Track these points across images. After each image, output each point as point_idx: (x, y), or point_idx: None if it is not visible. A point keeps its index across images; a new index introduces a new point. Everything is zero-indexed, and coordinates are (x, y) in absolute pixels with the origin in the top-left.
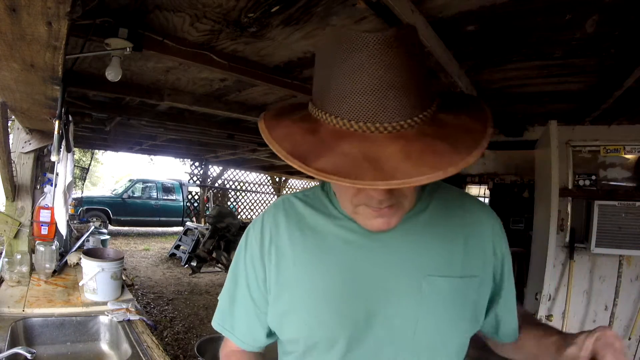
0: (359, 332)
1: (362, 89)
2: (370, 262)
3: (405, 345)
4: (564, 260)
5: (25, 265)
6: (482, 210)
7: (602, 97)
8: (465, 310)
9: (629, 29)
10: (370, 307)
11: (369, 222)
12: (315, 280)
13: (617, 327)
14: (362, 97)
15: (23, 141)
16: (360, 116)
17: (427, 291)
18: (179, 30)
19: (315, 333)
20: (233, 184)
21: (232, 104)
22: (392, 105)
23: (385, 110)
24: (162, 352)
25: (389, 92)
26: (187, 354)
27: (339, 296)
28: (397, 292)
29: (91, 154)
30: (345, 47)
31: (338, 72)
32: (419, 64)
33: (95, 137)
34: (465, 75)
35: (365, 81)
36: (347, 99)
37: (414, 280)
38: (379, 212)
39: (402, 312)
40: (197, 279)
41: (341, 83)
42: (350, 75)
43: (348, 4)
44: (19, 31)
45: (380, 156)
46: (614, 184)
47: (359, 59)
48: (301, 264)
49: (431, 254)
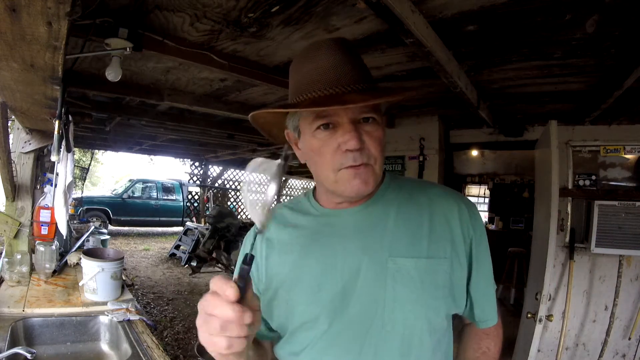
0: (336, 310)
1: (327, 69)
2: (342, 248)
3: (377, 320)
4: (564, 260)
5: (25, 265)
6: (447, 194)
7: (602, 97)
8: (435, 289)
9: (629, 29)
10: (344, 288)
11: (349, 184)
12: (297, 271)
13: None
14: (328, 73)
15: (23, 141)
16: (327, 85)
17: (392, 270)
18: (179, 30)
19: (298, 316)
20: (233, 184)
21: (232, 104)
22: (350, 73)
23: (346, 76)
24: (162, 352)
25: (347, 66)
26: (187, 354)
27: (317, 281)
28: (365, 272)
29: (91, 154)
30: (312, 48)
31: (309, 64)
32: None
33: (95, 137)
34: (465, 75)
35: (329, 63)
36: (317, 78)
37: (380, 260)
38: (355, 171)
39: (371, 291)
40: (197, 279)
41: (312, 71)
42: (318, 63)
43: (348, 4)
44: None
45: (345, 98)
46: (614, 184)
47: (322, 52)
48: (284, 256)
49: (396, 237)
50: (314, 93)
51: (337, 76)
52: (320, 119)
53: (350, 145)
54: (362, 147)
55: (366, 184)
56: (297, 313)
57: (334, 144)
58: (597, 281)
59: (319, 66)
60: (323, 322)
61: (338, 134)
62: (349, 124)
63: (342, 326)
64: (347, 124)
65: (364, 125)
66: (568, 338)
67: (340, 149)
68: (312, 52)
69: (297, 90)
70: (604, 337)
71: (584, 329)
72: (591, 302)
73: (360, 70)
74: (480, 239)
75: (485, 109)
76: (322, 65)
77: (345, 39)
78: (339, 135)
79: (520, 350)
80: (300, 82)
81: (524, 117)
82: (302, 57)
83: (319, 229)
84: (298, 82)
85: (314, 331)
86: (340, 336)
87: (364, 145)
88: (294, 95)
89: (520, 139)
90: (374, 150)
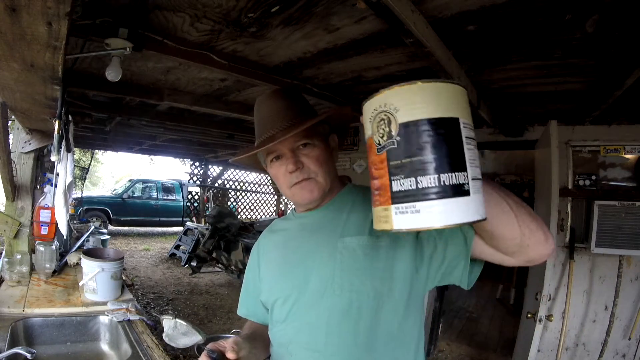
0: (301, 288)
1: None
2: (308, 239)
3: (329, 287)
4: (564, 260)
5: (25, 265)
6: None
7: (602, 97)
8: (377, 260)
9: (629, 29)
10: (307, 268)
11: (299, 196)
12: (276, 262)
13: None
14: (267, 120)
15: (23, 141)
16: (270, 128)
17: (340, 247)
18: (179, 30)
19: (274, 293)
20: (233, 184)
21: (232, 104)
22: (282, 115)
23: (279, 119)
24: (162, 352)
25: (282, 111)
26: (187, 354)
27: (288, 267)
28: (321, 253)
29: (91, 154)
30: (261, 99)
31: (259, 114)
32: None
33: (95, 137)
34: (465, 75)
35: (270, 111)
36: (264, 122)
37: (332, 242)
38: (299, 185)
39: (325, 265)
40: (197, 279)
41: (260, 118)
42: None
43: (348, 4)
44: (19, 31)
45: (277, 136)
46: (614, 184)
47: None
48: (271, 254)
49: (347, 224)
50: (263, 135)
51: (272, 121)
52: (270, 154)
53: (290, 169)
54: (301, 167)
55: (311, 192)
56: (273, 294)
57: (283, 169)
58: (597, 281)
59: (263, 114)
60: (292, 298)
61: (283, 161)
62: (288, 152)
63: (306, 297)
64: (287, 152)
65: (302, 149)
66: (568, 338)
67: (287, 171)
68: (261, 103)
69: (257, 133)
70: (604, 337)
71: (584, 329)
72: (591, 302)
73: (293, 111)
74: None
75: (485, 109)
76: (265, 114)
77: (286, 89)
78: (283, 162)
79: (520, 350)
80: (257, 126)
81: (524, 117)
82: (258, 105)
83: (292, 229)
84: (256, 125)
85: (285, 305)
86: (305, 304)
87: (302, 165)
88: (257, 137)
89: (520, 139)
90: (313, 167)
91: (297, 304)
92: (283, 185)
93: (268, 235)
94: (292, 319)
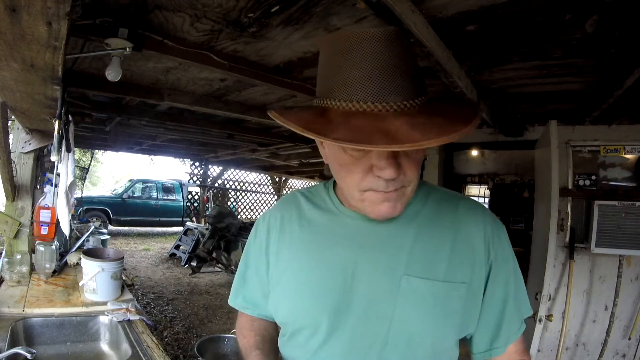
0: (339, 322)
1: (370, 74)
2: (355, 257)
3: (380, 339)
4: (564, 260)
5: (25, 265)
6: (476, 212)
7: (602, 97)
8: (445, 316)
9: (629, 29)
10: (351, 299)
11: (376, 207)
12: (305, 271)
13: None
14: (370, 81)
15: (23, 141)
16: (368, 97)
17: (405, 290)
18: (179, 30)
19: (299, 319)
20: (233, 184)
21: (232, 104)
22: (399, 85)
23: (392, 90)
24: (162, 352)
25: (396, 74)
26: (187, 354)
27: (323, 286)
28: (376, 287)
29: (91, 154)
30: (352, 40)
31: (346, 62)
32: (415, 58)
33: (95, 137)
34: (465, 75)
35: (373, 66)
36: (356, 83)
37: (393, 278)
38: (385, 196)
39: (379, 308)
40: (197, 279)
41: (350, 70)
42: (359, 63)
43: (348, 4)
44: (19, 31)
45: (389, 128)
46: (614, 184)
47: (367, 49)
48: (296, 254)
49: (414, 254)
50: (347, 103)
51: (379, 85)
52: None
53: (386, 175)
54: (398, 174)
55: (394, 208)
56: (297, 318)
57: (366, 164)
58: (597, 281)
59: (357, 65)
60: (323, 331)
61: (372, 155)
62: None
63: (344, 338)
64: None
65: None
66: (568, 338)
67: (372, 171)
68: (351, 45)
69: (327, 90)
70: (604, 337)
71: (584, 329)
72: (591, 302)
73: (410, 77)
74: (501, 265)
75: (485, 109)
76: (362, 66)
77: (397, 30)
78: (373, 156)
79: None
80: (330, 79)
81: (524, 117)
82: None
83: (334, 229)
84: (327, 78)
85: (313, 339)
86: (340, 348)
87: (400, 171)
88: (323, 95)
89: (520, 139)
90: (410, 173)
91: (329, 345)
92: (352, 184)
93: (290, 220)
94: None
